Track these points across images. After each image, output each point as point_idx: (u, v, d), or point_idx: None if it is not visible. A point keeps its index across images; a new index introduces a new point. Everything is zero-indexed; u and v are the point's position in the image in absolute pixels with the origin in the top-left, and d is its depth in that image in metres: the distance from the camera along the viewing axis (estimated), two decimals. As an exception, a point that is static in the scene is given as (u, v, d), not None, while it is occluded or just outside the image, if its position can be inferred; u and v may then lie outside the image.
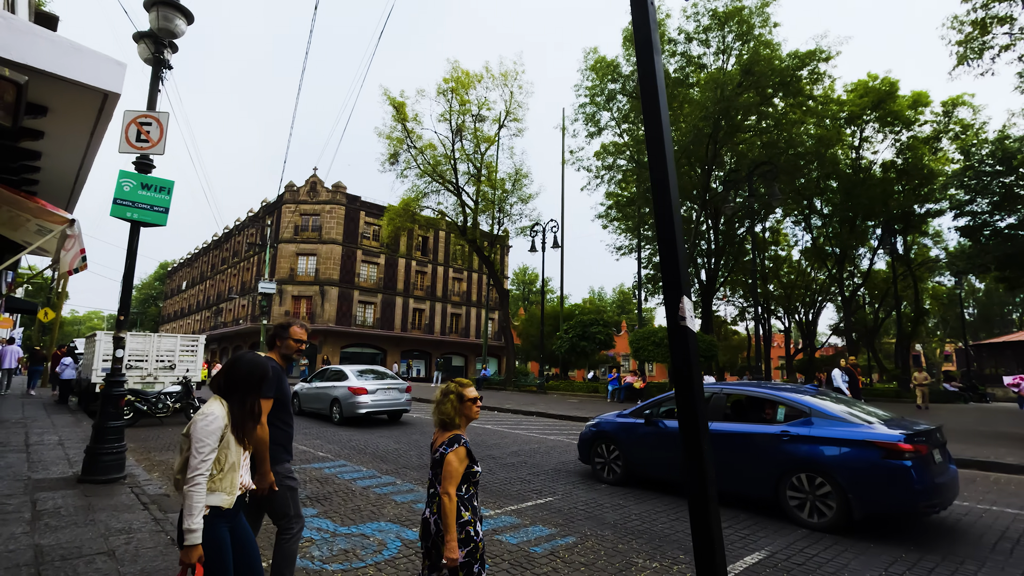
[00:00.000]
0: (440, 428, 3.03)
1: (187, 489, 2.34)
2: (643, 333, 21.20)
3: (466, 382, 3.15)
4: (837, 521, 5.49)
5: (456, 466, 2.80)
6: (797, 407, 6.19)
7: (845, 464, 5.51)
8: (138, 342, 13.95)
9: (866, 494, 5.39)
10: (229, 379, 2.61)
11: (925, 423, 6.07)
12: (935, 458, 5.55)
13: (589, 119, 25.08)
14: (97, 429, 6.60)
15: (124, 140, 7.15)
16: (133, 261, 7.10)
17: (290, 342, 3.48)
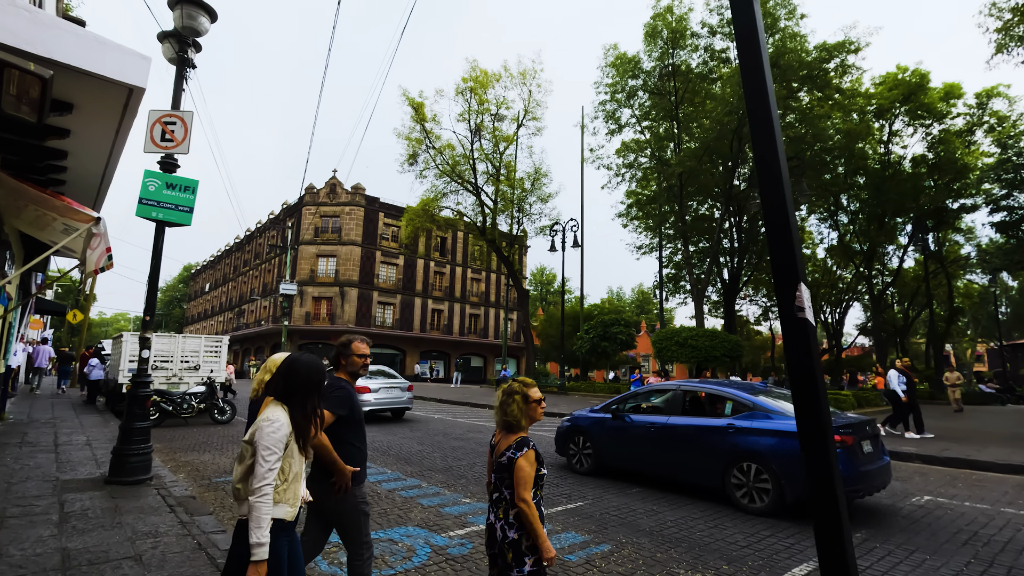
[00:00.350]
0: (504, 430, 2.89)
1: (254, 500, 2.21)
2: (666, 333, 20.83)
3: (530, 381, 3.00)
4: (772, 506, 6.00)
5: (528, 471, 2.67)
6: (742, 402, 6.72)
7: (779, 453, 6.03)
8: (163, 343, 14.08)
9: (797, 481, 5.87)
10: (288, 383, 2.47)
11: (857, 416, 6.56)
12: (863, 449, 6.06)
13: (609, 116, 24.77)
14: (124, 430, 6.57)
15: (149, 140, 7.13)
16: (158, 262, 7.07)
17: (354, 358, 3.37)
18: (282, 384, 2.46)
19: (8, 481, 6.40)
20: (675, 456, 7.05)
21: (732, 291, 29.84)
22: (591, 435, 8.17)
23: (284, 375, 2.48)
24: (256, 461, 2.26)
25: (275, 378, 2.50)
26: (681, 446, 6.95)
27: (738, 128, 19.72)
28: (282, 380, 2.47)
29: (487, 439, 11.64)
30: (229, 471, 7.92)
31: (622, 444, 7.74)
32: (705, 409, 7.50)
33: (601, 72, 24.31)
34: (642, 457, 7.48)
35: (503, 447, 2.82)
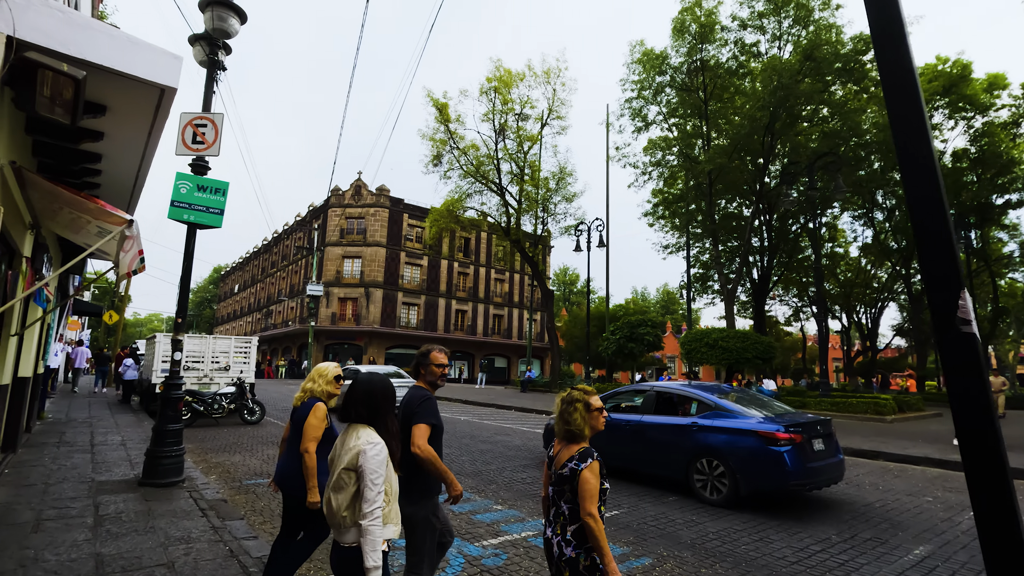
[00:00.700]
0: (565, 440, 2.75)
1: (368, 524, 2.25)
2: (696, 334, 20.36)
3: (590, 389, 2.86)
4: (729, 498, 6.53)
5: (594, 484, 2.53)
6: (706, 402, 7.25)
7: (735, 449, 6.57)
8: (194, 344, 14.28)
9: (750, 475, 6.44)
10: (371, 405, 2.49)
11: (812, 416, 7.07)
12: (813, 447, 6.51)
13: (635, 114, 24.36)
14: (157, 432, 6.59)
15: (180, 142, 7.15)
16: (190, 264, 7.09)
17: (433, 368, 3.35)
18: (365, 408, 2.48)
19: (46, 482, 6.47)
20: (647, 451, 7.66)
21: (762, 291, 29.11)
22: None
23: (365, 399, 2.49)
24: (364, 486, 2.28)
25: (355, 404, 2.49)
26: (652, 442, 7.56)
27: (770, 123, 19.13)
28: (364, 405, 2.48)
29: (515, 442, 11.46)
30: (259, 473, 7.91)
31: (601, 440, 7.76)
32: (675, 409, 7.91)
33: (627, 69, 23.96)
34: (619, 452, 7.94)
35: (564, 458, 2.69)
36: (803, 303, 39.50)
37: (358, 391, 2.51)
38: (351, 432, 2.45)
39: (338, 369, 3.56)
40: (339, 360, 41.11)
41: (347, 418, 2.51)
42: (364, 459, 2.30)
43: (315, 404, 3.32)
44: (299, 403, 3.40)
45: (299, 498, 3.22)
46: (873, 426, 14.38)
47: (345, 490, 2.35)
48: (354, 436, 2.41)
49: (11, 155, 4.26)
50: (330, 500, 2.38)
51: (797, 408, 17.72)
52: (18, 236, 5.27)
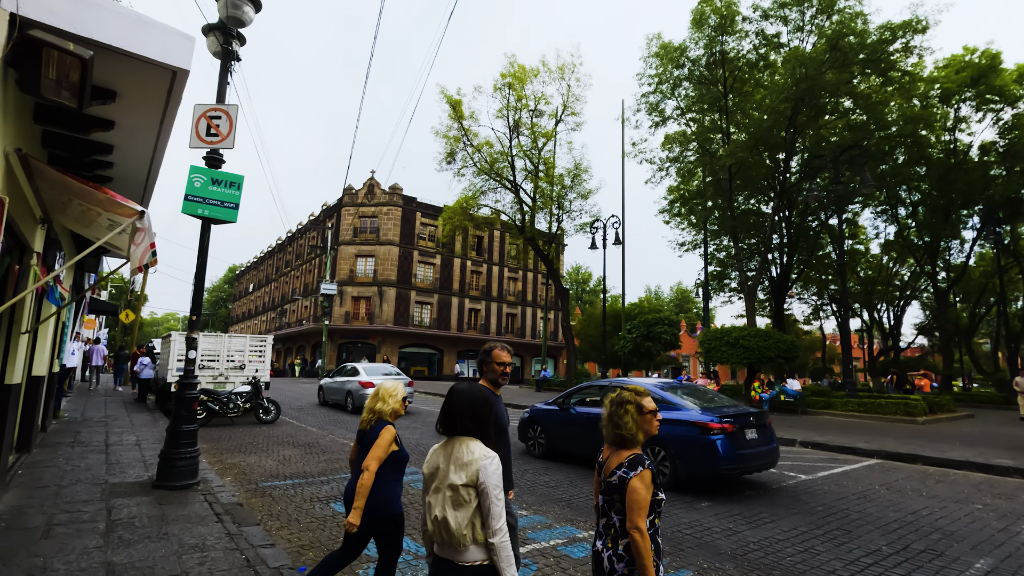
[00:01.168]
0: (614, 446, 2.55)
1: (499, 541, 2.22)
2: (715, 333, 19.90)
3: (642, 390, 2.62)
4: (670, 482, 7.20)
5: (644, 494, 2.33)
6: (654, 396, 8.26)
7: (676, 439, 7.20)
8: (210, 342, 14.17)
9: (687, 460, 7.13)
10: (476, 415, 2.43)
11: (745, 408, 7.79)
12: (746, 435, 7.17)
13: (652, 108, 23.86)
14: (171, 433, 6.40)
15: (194, 135, 6.95)
16: (204, 260, 6.89)
17: (495, 366, 3.31)
18: (470, 419, 2.42)
19: (59, 484, 6.31)
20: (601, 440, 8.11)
21: (781, 289, 28.51)
22: (544, 424, 9.56)
23: (469, 410, 2.43)
24: (490, 502, 2.24)
25: (459, 416, 2.42)
26: None
27: (792, 116, 18.58)
28: (469, 415, 2.42)
29: (534, 443, 11.15)
30: (275, 475, 7.71)
31: (566, 432, 9.11)
32: None
33: (643, 63, 23.47)
34: (580, 442, 8.75)
35: (613, 465, 2.48)
36: (823, 301, 38.68)
37: (461, 401, 2.44)
38: (458, 445, 2.35)
39: (404, 389, 3.49)
40: (352, 359, 41.12)
41: (452, 430, 2.41)
42: (486, 475, 2.25)
43: (385, 427, 3.28)
44: (367, 425, 3.33)
45: (372, 517, 3.17)
46: (904, 428, 13.88)
47: (465, 507, 2.26)
48: (464, 450, 2.32)
49: (17, 142, 4.05)
50: (446, 518, 2.27)
51: (822, 409, 17.25)
52: (28, 230, 5.08)
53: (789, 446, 11.31)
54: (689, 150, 24.41)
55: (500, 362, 3.28)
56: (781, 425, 13.93)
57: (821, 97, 18.03)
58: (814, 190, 17.13)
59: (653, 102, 23.81)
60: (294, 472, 7.93)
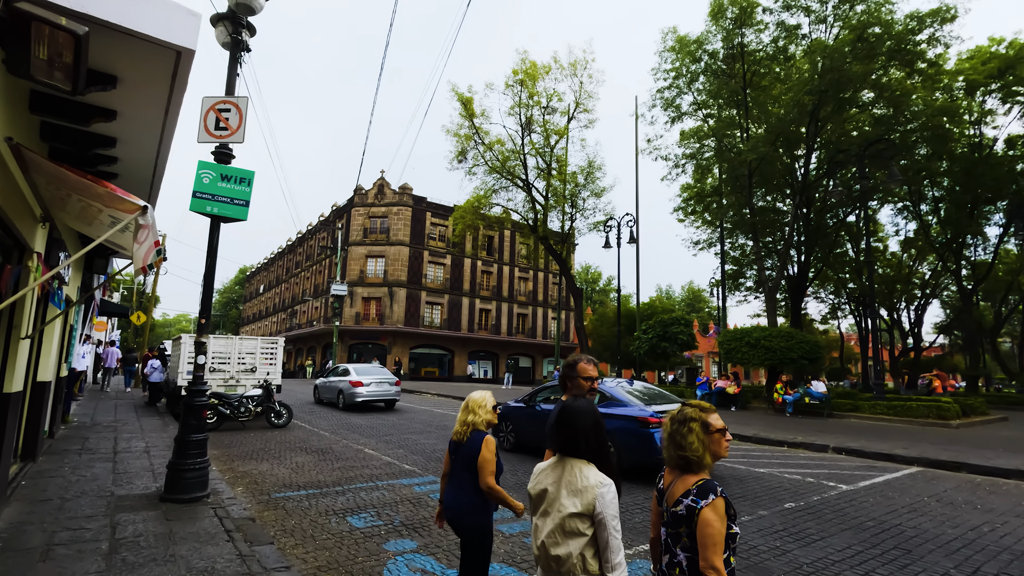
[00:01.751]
0: (677, 469, 2.21)
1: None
2: (735, 333, 19.39)
3: (707, 406, 2.26)
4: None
5: (718, 527, 2.00)
6: (606, 394, 8.69)
7: (620, 431, 7.89)
8: (220, 345, 13.91)
9: (628, 450, 7.86)
10: (599, 440, 2.30)
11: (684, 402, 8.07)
12: None
13: (668, 104, 23.35)
14: (179, 443, 6.06)
15: (202, 129, 6.63)
16: (214, 259, 6.55)
17: (580, 381, 3.13)
18: (595, 442, 2.30)
19: (62, 496, 5.99)
20: None
21: (799, 288, 27.84)
22: (513, 420, 10.38)
23: (595, 431, 2.30)
24: (608, 534, 2.11)
25: (580, 437, 2.28)
26: None
27: (815, 110, 17.99)
28: (594, 438, 2.30)
29: (555, 449, 10.76)
30: (288, 484, 7.37)
31: (532, 427, 9.83)
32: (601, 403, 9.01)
33: (659, 57, 22.96)
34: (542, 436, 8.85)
35: (678, 492, 2.14)
36: (840, 300, 37.91)
37: (583, 421, 2.28)
38: (570, 468, 2.23)
39: (493, 398, 3.37)
40: (364, 360, 40.92)
41: (568, 451, 2.27)
42: (603, 504, 2.11)
43: (484, 438, 3.19)
44: (462, 437, 3.22)
45: (477, 532, 3.14)
46: (939, 432, 13.31)
47: (577, 537, 2.14)
48: (579, 475, 2.19)
49: (8, 131, 3.71)
50: (556, 547, 2.16)
51: (849, 412, 16.68)
52: (26, 229, 4.76)
53: (822, 452, 10.82)
54: (707, 148, 23.86)
55: (587, 376, 3.06)
56: (809, 429, 13.42)
57: (846, 90, 17.43)
58: (838, 186, 16.56)
59: (669, 97, 23.32)
60: (308, 481, 7.59)
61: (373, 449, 10.30)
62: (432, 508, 6.38)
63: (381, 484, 7.52)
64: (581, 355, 3.19)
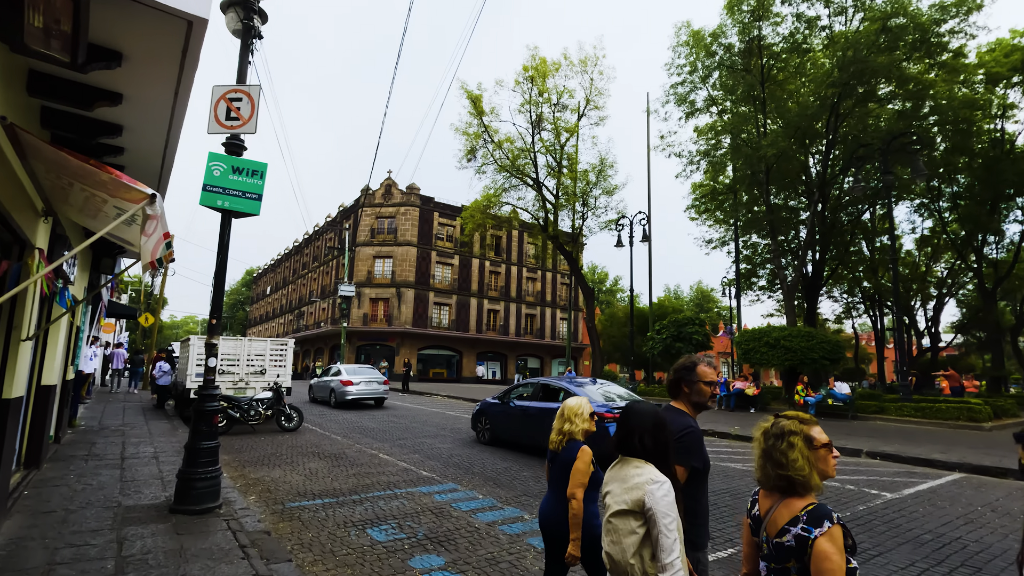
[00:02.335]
0: (778, 491, 1.89)
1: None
2: (754, 333, 18.92)
3: (807, 417, 1.94)
4: None
5: (836, 561, 1.67)
6: (568, 391, 9.54)
7: None
8: (229, 346, 13.62)
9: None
10: (658, 437, 2.23)
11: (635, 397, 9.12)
12: None
13: (682, 99, 22.89)
14: (189, 451, 5.72)
15: (213, 119, 6.29)
16: (225, 257, 6.21)
17: (701, 386, 2.66)
18: (651, 441, 2.23)
19: (67, 508, 5.66)
20: (530, 428, 9.92)
21: (814, 287, 27.26)
22: (489, 416, 11.19)
23: (650, 431, 2.24)
24: (658, 530, 2.02)
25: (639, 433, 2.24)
26: (534, 421, 9.85)
27: (836, 103, 17.48)
28: (649, 437, 2.23)
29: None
30: (303, 492, 7.02)
31: (506, 422, 10.69)
32: (551, 396, 10.22)
33: (672, 52, 22.49)
34: (516, 430, 10.42)
35: (782, 520, 1.83)
36: (856, 299, 37.25)
37: (641, 420, 2.26)
38: (625, 467, 2.21)
39: (591, 406, 3.23)
40: (373, 362, 40.69)
41: (629, 449, 2.24)
42: (652, 500, 2.04)
43: (581, 448, 3.05)
44: (558, 447, 3.12)
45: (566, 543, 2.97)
46: (972, 435, 12.82)
47: (629, 535, 2.09)
48: (633, 471, 2.17)
49: (3, 112, 3.37)
50: (609, 546, 2.15)
51: (874, 414, 16.18)
52: (26, 223, 4.42)
53: (855, 457, 10.37)
54: (722, 145, 23.37)
55: (708, 381, 2.64)
56: (836, 432, 12.95)
57: (870, 82, 16.90)
58: (860, 181, 16.09)
59: (682, 93, 22.86)
60: (323, 489, 7.24)
61: (387, 454, 9.94)
62: (455, 519, 6.02)
63: (400, 492, 7.16)
64: (699, 355, 2.81)
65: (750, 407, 18.32)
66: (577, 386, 9.83)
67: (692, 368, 2.70)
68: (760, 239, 30.34)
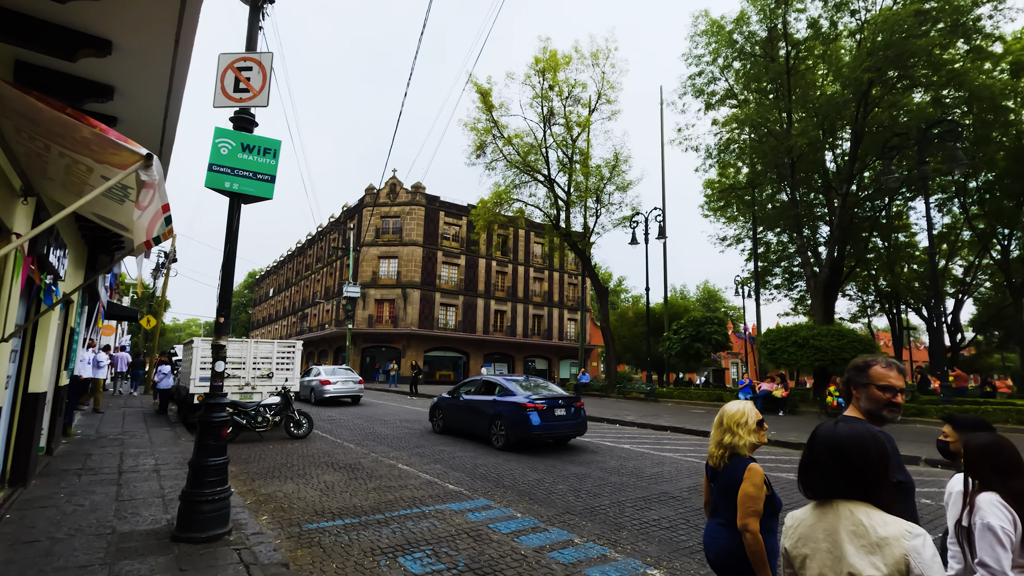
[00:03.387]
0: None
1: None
2: (780, 332, 18.15)
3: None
4: (505, 445, 10.50)
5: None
6: (502, 386, 11.24)
7: (508, 414, 10.54)
8: (235, 348, 12.88)
9: (513, 429, 10.37)
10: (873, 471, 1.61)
11: (559, 393, 11.17)
12: (554, 412, 10.46)
13: (699, 92, 22.12)
14: (194, 468, 4.97)
15: (219, 91, 5.55)
16: (234, 245, 5.47)
17: (875, 391, 2.16)
18: (867, 477, 1.62)
19: (53, 536, 4.91)
20: (474, 418, 11.53)
21: (833, 284, 26.45)
22: (443, 408, 12.78)
23: (862, 463, 1.62)
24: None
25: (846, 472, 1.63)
26: (474, 412, 11.51)
27: (867, 90, 16.67)
28: (863, 471, 1.62)
29: (647, 468, 9.60)
30: (320, 511, 6.28)
31: (455, 414, 12.30)
32: (491, 390, 11.60)
33: (690, 42, 21.73)
34: (463, 421, 12.00)
35: None
36: (874, 298, 36.46)
37: (870, 449, 1.63)
38: (848, 514, 1.59)
39: (759, 413, 2.68)
40: (379, 366, 39.96)
41: (829, 491, 1.66)
42: (921, 564, 1.45)
43: (748, 465, 2.50)
44: (719, 463, 2.60)
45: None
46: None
47: None
48: (865, 521, 1.56)
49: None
50: None
51: (913, 417, 15.40)
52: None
53: (913, 465, 9.60)
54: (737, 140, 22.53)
55: (885, 385, 2.13)
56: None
57: (906, 67, 16.06)
58: (892, 172, 15.33)
59: (699, 85, 22.07)
60: (342, 507, 6.49)
61: (407, 464, 9.19)
62: (497, 544, 5.26)
63: (428, 510, 6.41)
64: (876, 356, 2.25)
65: (779, 410, 17.53)
66: (510, 382, 11.42)
67: (865, 369, 2.25)
68: (773, 236, 29.59)
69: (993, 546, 2.07)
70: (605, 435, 13.37)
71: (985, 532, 2.10)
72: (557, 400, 10.58)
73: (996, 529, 2.07)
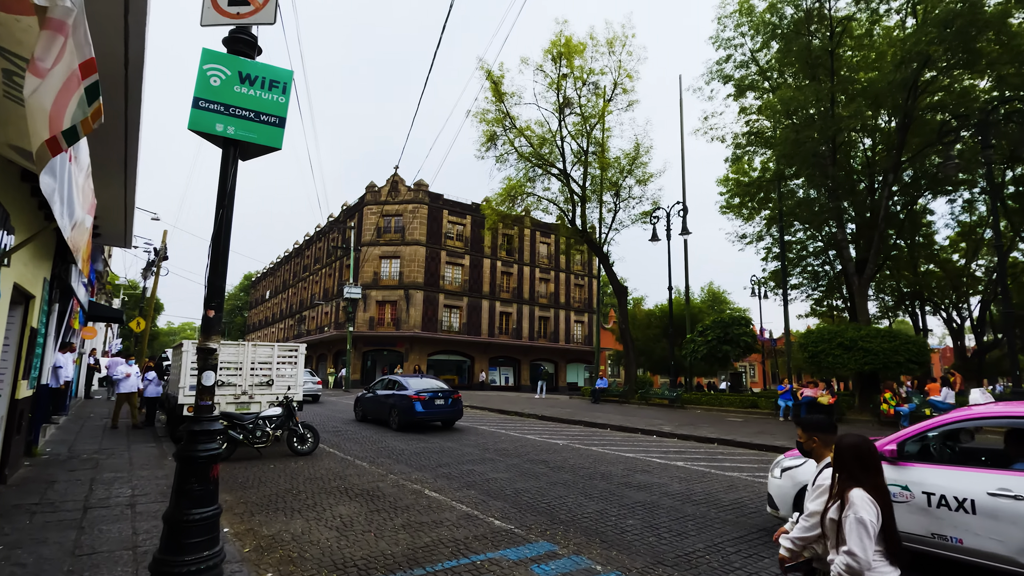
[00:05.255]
0: None
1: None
2: (823, 334, 16.75)
3: None
4: (398, 429, 13.98)
5: None
6: (400, 382, 14.75)
7: (399, 404, 14.08)
8: (230, 352, 11.36)
9: (402, 415, 13.91)
10: None
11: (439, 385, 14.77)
12: (434, 402, 13.99)
13: (727, 78, 20.76)
14: (171, 525, 3.49)
15: (209, 4, 4.10)
16: (230, 212, 3.99)
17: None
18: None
19: (-35, 624, 3.42)
20: (381, 409, 14.95)
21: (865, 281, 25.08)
22: (362, 403, 16.26)
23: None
24: None
25: None
26: (381, 404, 14.97)
27: (919, 69, 15.28)
28: None
29: (675, 488, 8.14)
30: (340, 562, 4.81)
31: (373, 406, 15.51)
32: (392, 386, 14.97)
33: (717, 24, 20.39)
34: (375, 411, 15.31)
35: None
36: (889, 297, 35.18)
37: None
38: None
39: None
40: (386, 370, 38.44)
41: None
42: None
43: None
44: None
45: None
46: None
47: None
48: None
49: None
50: None
51: (982, 425, 13.97)
52: None
53: None
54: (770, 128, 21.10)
55: None
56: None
57: (973, 39, 14.63)
58: (952, 157, 13.98)
59: (728, 70, 20.66)
60: (367, 554, 5.02)
61: (434, 489, 7.72)
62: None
63: (479, 560, 4.95)
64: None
65: (823, 417, 16.08)
66: (404, 379, 14.81)
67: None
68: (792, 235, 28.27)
69: (862, 538, 2.33)
70: (648, 449, 11.91)
71: (857, 525, 2.35)
72: (437, 392, 14.08)
73: (867, 523, 2.33)
